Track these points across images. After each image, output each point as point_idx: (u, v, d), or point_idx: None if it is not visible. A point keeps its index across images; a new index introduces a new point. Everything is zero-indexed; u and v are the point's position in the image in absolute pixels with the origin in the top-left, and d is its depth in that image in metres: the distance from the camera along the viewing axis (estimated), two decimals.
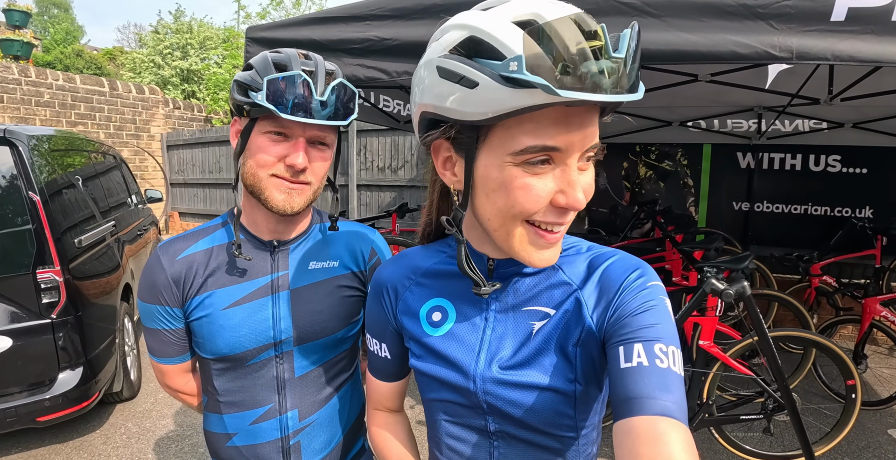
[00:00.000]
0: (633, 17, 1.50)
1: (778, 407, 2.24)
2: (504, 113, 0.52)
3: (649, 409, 0.53)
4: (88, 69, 17.33)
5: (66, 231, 2.71)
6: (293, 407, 0.97)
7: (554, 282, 0.69)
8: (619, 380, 0.57)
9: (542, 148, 0.55)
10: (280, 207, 0.88)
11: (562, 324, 0.67)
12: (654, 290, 0.63)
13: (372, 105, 3.50)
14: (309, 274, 0.97)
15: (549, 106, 0.51)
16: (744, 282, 1.97)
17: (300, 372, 0.97)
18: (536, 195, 0.57)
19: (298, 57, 0.86)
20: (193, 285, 0.93)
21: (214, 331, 0.92)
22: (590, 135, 0.56)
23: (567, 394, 0.66)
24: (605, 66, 0.49)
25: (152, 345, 0.98)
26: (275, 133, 0.86)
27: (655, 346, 0.57)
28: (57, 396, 2.51)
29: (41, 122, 7.43)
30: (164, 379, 1.02)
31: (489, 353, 0.69)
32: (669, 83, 2.94)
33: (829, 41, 1.33)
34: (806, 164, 4.43)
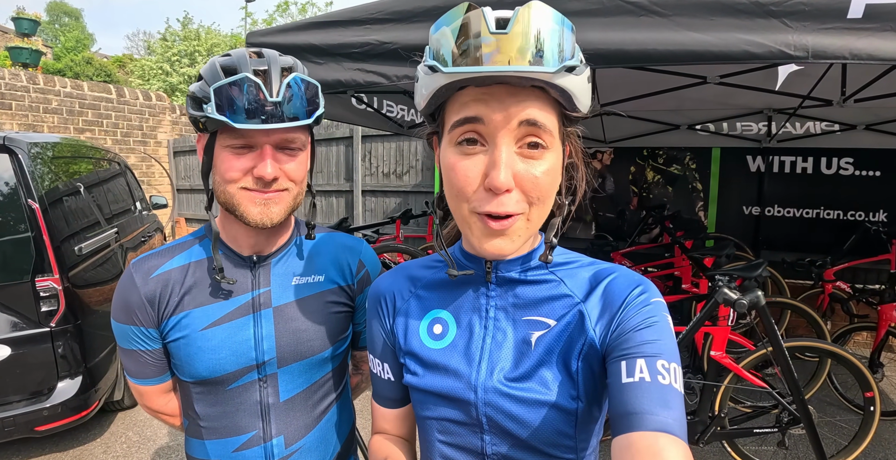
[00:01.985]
0: (639, 17, 1.45)
1: (793, 420, 2.16)
2: (431, 97, 0.59)
3: (649, 425, 0.52)
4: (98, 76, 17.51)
5: (67, 239, 2.69)
6: (279, 433, 0.91)
7: (556, 293, 0.68)
8: (620, 395, 0.56)
9: (463, 120, 0.58)
10: (257, 220, 0.82)
11: (564, 336, 0.66)
12: (657, 307, 0.64)
13: (375, 110, 3.47)
14: (292, 290, 0.92)
15: (456, 85, 0.56)
16: (757, 291, 1.90)
17: (286, 395, 0.91)
18: (465, 175, 0.59)
19: (249, 56, 0.79)
20: (169, 305, 0.87)
21: (193, 354, 0.86)
22: (514, 112, 0.56)
23: (569, 412, 0.64)
24: (485, 42, 0.53)
25: (129, 366, 0.92)
26: (237, 146, 0.79)
27: (658, 362, 0.57)
28: (56, 405, 2.48)
29: (49, 129, 7.47)
30: (143, 400, 0.97)
31: (490, 363, 0.68)
32: (677, 86, 2.88)
33: (846, 39, 1.28)
34: (818, 167, 4.34)
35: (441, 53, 0.56)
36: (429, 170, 6.10)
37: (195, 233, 0.95)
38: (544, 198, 0.61)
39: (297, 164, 0.83)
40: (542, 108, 0.57)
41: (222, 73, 0.77)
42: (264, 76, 0.77)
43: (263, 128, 0.76)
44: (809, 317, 3.12)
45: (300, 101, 0.78)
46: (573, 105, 0.58)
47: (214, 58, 0.81)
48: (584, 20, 1.50)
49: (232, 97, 0.75)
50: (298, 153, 0.84)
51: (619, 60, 1.47)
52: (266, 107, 0.75)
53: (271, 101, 0.75)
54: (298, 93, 0.78)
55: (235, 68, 0.77)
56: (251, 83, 0.75)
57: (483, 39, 0.53)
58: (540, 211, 0.61)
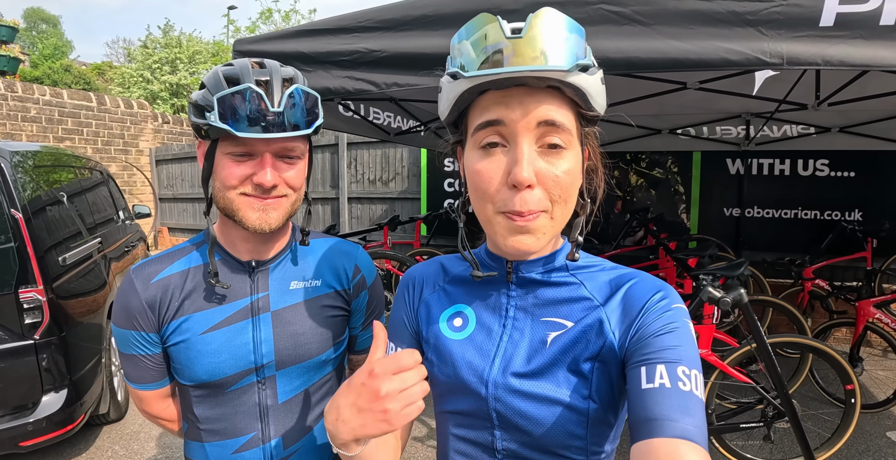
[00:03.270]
0: (622, 26, 1.49)
1: (778, 414, 2.22)
2: (454, 104, 0.63)
3: (670, 432, 0.52)
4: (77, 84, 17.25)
5: (50, 249, 2.65)
6: (277, 434, 0.92)
7: (575, 296, 0.69)
8: (640, 401, 0.56)
9: (486, 123, 0.61)
10: (256, 226, 0.84)
11: (581, 338, 0.66)
12: (678, 312, 0.64)
13: (362, 117, 3.48)
14: (290, 294, 0.93)
15: (477, 89, 0.60)
16: (740, 289, 1.96)
17: (283, 397, 0.93)
18: (489, 175, 0.61)
19: (251, 66, 0.81)
20: (169, 309, 0.88)
21: (192, 357, 0.87)
22: (533, 112, 0.59)
23: (580, 412, 0.65)
24: (502, 47, 0.56)
25: (129, 370, 0.93)
26: (237, 153, 0.81)
27: (678, 369, 0.57)
28: (41, 419, 2.42)
29: (28, 138, 7.34)
30: (143, 405, 0.97)
31: (504, 359, 0.69)
32: (657, 91, 2.95)
33: (819, 46, 1.33)
34: (795, 169, 4.47)
35: (462, 61, 0.59)
36: (415, 177, 6.12)
37: (194, 239, 0.96)
38: (566, 197, 0.62)
39: (296, 172, 0.86)
40: (559, 107, 0.60)
41: (225, 83, 0.79)
42: (266, 86, 0.78)
43: (264, 137, 0.77)
44: (790, 315, 3.20)
45: (301, 111, 0.80)
46: (589, 104, 0.61)
47: (217, 67, 0.83)
48: None
49: (235, 106, 0.77)
50: (297, 161, 0.86)
51: (603, 68, 1.51)
52: (268, 116, 0.77)
53: (273, 111, 0.77)
54: (299, 103, 0.80)
55: (238, 78, 0.79)
56: (254, 93, 0.77)
57: (500, 44, 0.56)
58: (563, 210, 0.63)
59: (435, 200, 5.92)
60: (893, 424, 3.01)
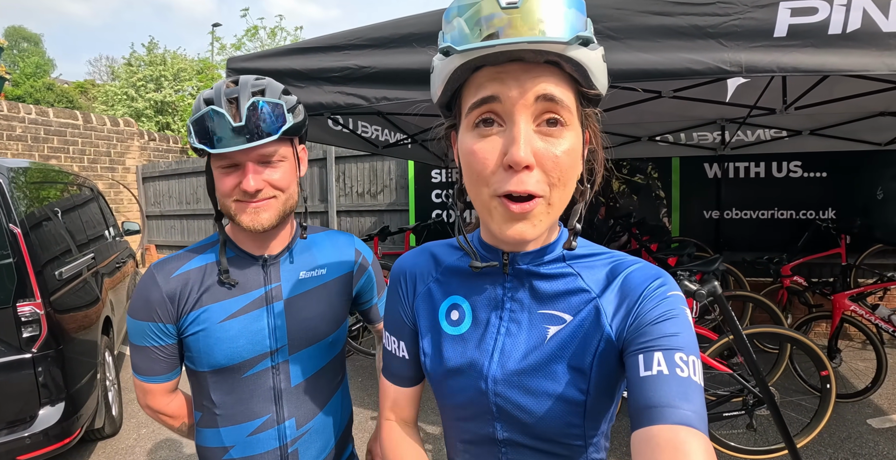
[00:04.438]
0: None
1: (758, 402, 2.32)
2: (447, 83, 0.59)
3: (670, 418, 0.52)
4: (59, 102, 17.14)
5: (47, 263, 2.68)
6: (290, 415, 1.00)
7: (572, 287, 0.68)
8: (639, 389, 0.56)
9: (480, 101, 0.57)
10: (249, 226, 0.92)
11: (580, 332, 0.66)
12: (675, 300, 0.63)
13: (350, 131, 3.57)
14: (300, 283, 1.02)
15: (471, 65, 0.56)
16: (714, 282, 2.07)
17: (296, 381, 1.01)
18: (483, 156, 0.58)
19: (225, 86, 0.90)
20: (189, 301, 0.96)
21: (212, 344, 0.95)
22: (533, 85, 0.55)
23: (577, 404, 0.65)
24: (497, 18, 0.53)
25: (139, 363, 0.99)
26: (224, 166, 0.91)
27: (676, 355, 0.57)
28: (38, 433, 2.42)
29: (13, 156, 7.31)
30: (147, 399, 1.02)
31: (502, 354, 0.68)
32: (635, 100, 3.09)
33: (774, 55, 1.45)
34: (769, 171, 4.64)
35: (454, 36, 0.56)
36: (403, 189, 6.20)
37: (209, 238, 1.05)
38: (565, 180, 0.59)
39: (281, 174, 0.94)
40: (557, 83, 0.56)
41: (203, 105, 0.89)
42: (236, 103, 0.88)
43: (236, 150, 0.87)
44: (769, 309, 3.32)
45: (261, 120, 0.88)
46: (589, 81, 0.57)
47: (203, 91, 0.94)
48: None
49: (204, 127, 0.87)
50: (280, 164, 0.94)
51: None
52: (233, 131, 0.86)
53: (235, 126, 0.86)
54: (264, 113, 0.88)
55: (212, 99, 0.89)
56: (216, 113, 0.86)
57: (495, 15, 0.53)
58: (561, 194, 0.59)
59: (423, 211, 6.01)
60: (873, 412, 3.12)
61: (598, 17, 1.56)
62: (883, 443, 2.74)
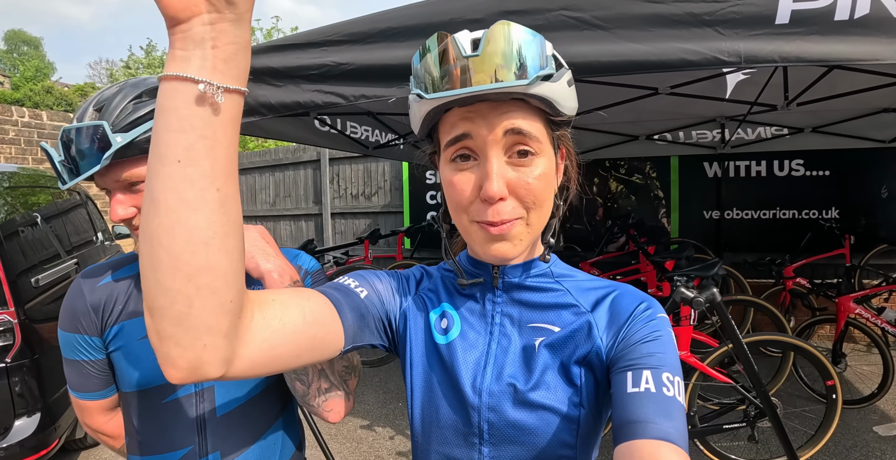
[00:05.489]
0: (582, 31, 1.51)
1: (760, 413, 2.21)
2: (422, 121, 0.63)
3: (652, 433, 0.53)
4: (59, 105, 17.13)
5: (23, 271, 2.60)
6: (215, 448, 0.90)
7: (562, 302, 0.70)
8: (624, 404, 0.57)
9: (454, 139, 0.61)
10: (135, 251, 0.87)
11: (569, 343, 0.67)
12: (662, 322, 0.65)
13: (339, 132, 3.48)
14: None
15: (442, 108, 0.60)
16: (713, 288, 1.97)
17: (223, 410, 0.90)
18: (461, 188, 0.62)
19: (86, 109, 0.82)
20: (112, 313, 0.88)
21: (132, 362, 0.87)
22: (501, 122, 0.59)
23: (571, 419, 0.65)
24: (460, 66, 0.56)
25: (72, 378, 0.92)
26: (103, 190, 0.85)
27: (663, 375, 0.58)
28: (13, 445, 2.35)
29: (6, 160, 7.25)
30: (84, 417, 0.95)
31: (496, 368, 0.68)
32: (631, 98, 3.00)
33: (776, 44, 1.35)
34: (771, 170, 4.54)
35: (424, 81, 0.60)
36: (397, 191, 6.11)
37: None
38: (540, 202, 0.62)
39: None
40: (525, 116, 0.60)
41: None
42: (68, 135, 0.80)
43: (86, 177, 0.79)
44: (771, 314, 3.22)
45: (84, 147, 0.78)
46: (556, 110, 0.61)
47: None
48: None
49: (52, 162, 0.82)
50: None
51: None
52: (63, 165, 0.80)
53: (58, 159, 0.80)
54: (80, 144, 0.78)
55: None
56: (48, 151, 0.81)
57: (458, 63, 0.57)
58: (539, 214, 0.63)
59: (418, 213, 5.92)
60: (880, 419, 3.02)
61: (585, 5, 1.47)
62: (890, 452, 2.64)
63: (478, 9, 1.62)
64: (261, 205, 7.43)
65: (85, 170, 0.77)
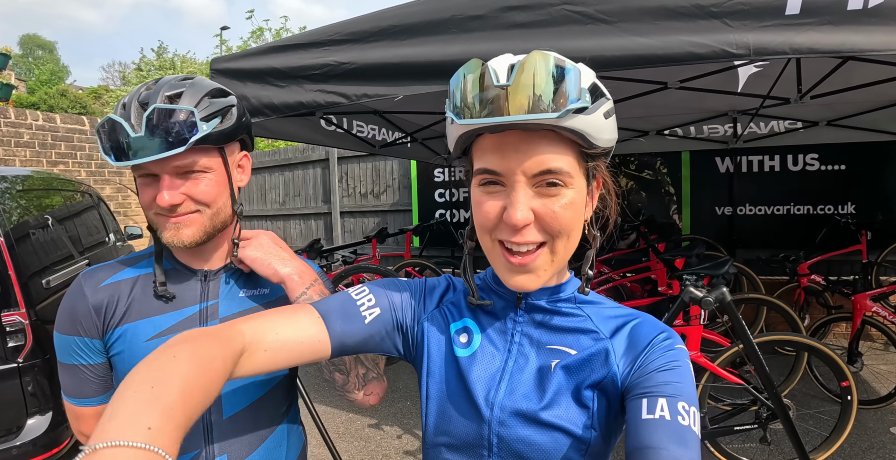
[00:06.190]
0: (586, 25, 1.48)
1: (772, 415, 2.16)
2: (456, 143, 0.65)
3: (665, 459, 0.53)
4: (73, 108, 17.37)
5: (35, 272, 2.63)
6: (222, 452, 0.88)
7: (582, 327, 0.70)
8: (639, 430, 0.57)
9: (484, 170, 0.62)
10: (170, 242, 0.84)
11: (585, 366, 0.67)
12: (680, 353, 0.66)
13: (346, 131, 3.48)
14: (239, 302, 0.93)
15: (472, 133, 0.61)
16: (723, 288, 1.92)
17: (229, 412, 0.89)
18: (486, 211, 0.63)
19: (144, 89, 0.81)
20: (115, 315, 0.87)
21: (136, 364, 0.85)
22: (529, 162, 0.59)
23: (581, 441, 0.65)
24: (492, 94, 0.57)
25: (68, 383, 0.90)
26: (143, 175, 0.83)
27: (679, 404, 0.58)
28: (26, 443, 2.39)
29: (21, 163, 7.36)
30: (79, 424, 0.93)
31: (510, 384, 0.69)
32: (640, 92, 2.95)
33: (786, 35, 1.31)
34: (784, 165, 4.45)
35: (457, 105, 0.61)
36: (406, 189, 6.11)
37: (147, 249, 0.96)
38: (567, 231, 0.62)
39: (204, 187, 0.84)
40: (555, 149, 0.59)
41: (120, 109, 0.80)
42: (143, 109, 0.78)
43: (137, 163, 0.78)
44: (784, 312, 3.15)
45: (172, 129, 0.78)
46: (589, 143, 0.60)
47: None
48: (533, 31, 1.53)
49: (107, 137, 0.78)
50: (203, 175, 0.84)
51: None
52: (134, 142, 0.77)
53: (134, 137, 0.77)
54: (162, 123, 0.78)
55: (125, 104, 0.80)
56: (117, 123, 0.77)
57: (490, 92, 0.57)
58: (565, 243, 0.63)
59: (426, 211, 5.90)
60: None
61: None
62: None
63: (479, 5, 1.60)
64: (270, 204, 7.47)
65: (157, 151, 0.77)
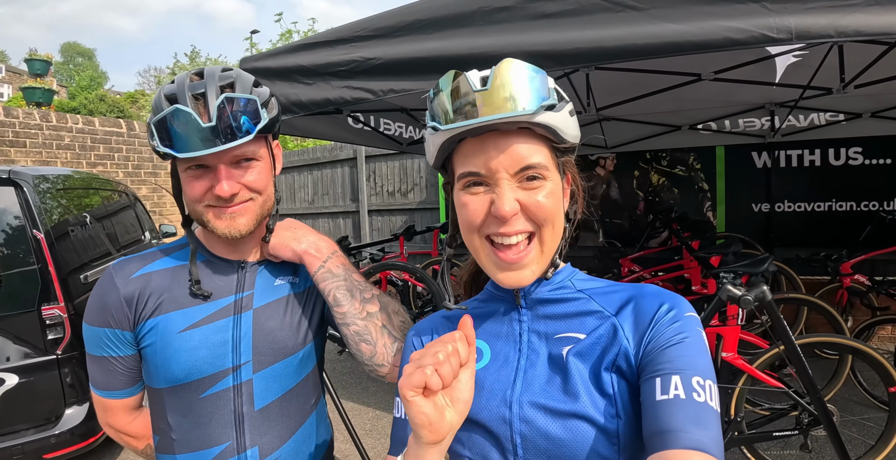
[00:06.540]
0: (616, 13, 1.44)
1: (814, 420, 2.06)
2: (437, 152, 0.68)
3: (684, 443, 0.52)
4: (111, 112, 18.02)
5: (75, 269, 2.73)
6: (253, 444, 0.89)
7: (585, 309, 0.70)
8: (654, 413, 0.56)
9: (468, 173, 0.65)
10: (226, 232, 0.84)
11: (596, 348, 0.66)
12: (688, 322, 0.64)
13: (373, 129, 3.49)
14: (271, 291, 0.93)
15: (455, 138, 0.65)
16: (763, 286, 1.83)
17: (260, 404, 0.89)
18: (474, 208, 0.66)
19: (188, 80, 0.80)
20: (147, 306, 0.87)
21: (169, 356, 0.85)
22: (510, 159, 0.63)
23: (608, 432, 0.61)
24: (471, 100, 0.61)
25: (96, 375, 0.91)
26: (193, 167, 0.82)
27: (693, 379, 0.57)
28: (65, 432, 2.49)
29: (62, 164, 7.65)
30: (107, 416, 0.95)
31: (525, 379, 0.68)
32: (671, 85, 2.86)
33: (830, 17, 1.24)
34: (826, 159, 4.26)
35: (438, 115, 0.65)
36: (433, 187, 6.11)
37: (179, 240, 0.96)
38: (551, 219, 0.65)
39: (256, 175, 0.85)
40: (532, 145, 0.64)
41: (165, 102, 0.79)
42: (203, 100, 0.78)
43: (208, 153, 0.77)
44: (826, 313, 3.01)
45: (240, 117, 0.79)
46: (560, 137, 0.65)
47: (162, 86, 0.83)
48: (562, 21, 1.50)
49: (169, 129, 0.77)
50: (255, 163, 0.85)
51: (598, 58, 1.45)
52: (202, 132, 0.76)
53: (206, 127, 0.76)
54: (235, 110, 0.78)
55: (175, 96, 0.78)
56: (181, 112, 0.76)
57: (469, 98, 0.62)
58: (551, 233, 0.66)
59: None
60: None
61: None
62: None
63: None
64: (300, 203, 7.57)
65: (224, 141, 0.77)
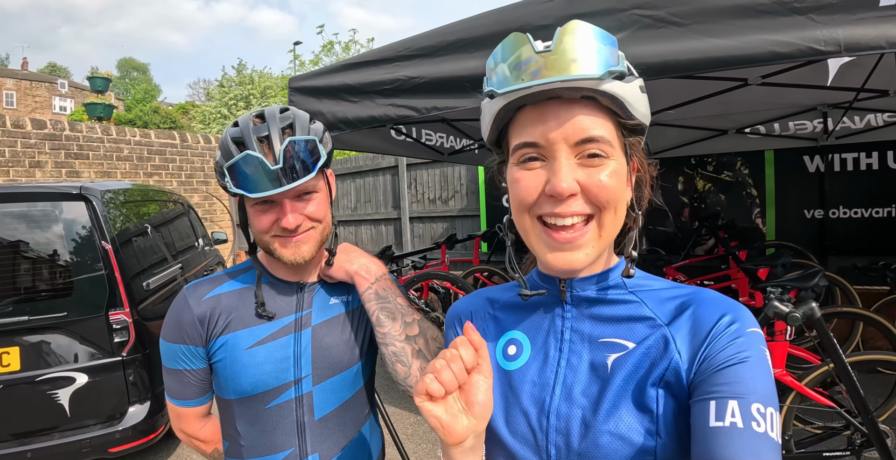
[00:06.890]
0: (658, 29, 1.45)
1: (867, 441, 1.97)
2: (493, 122, 0.63)
3: None
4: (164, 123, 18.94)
5: (136, 275, 2.92)
6: (314, 450, 0.96)
7: (635, 315, 0.64)
8: (706, 440, 0.51)
9: (524, 144, 0.60)
10: (291, 260, 0.92)
11: (645, 361, 0.61)
12: (752, 339, 0.57)
13: (415, 140, 3.56)
14: (328, 309, 1.00)
15: (513, 105, 0.60)
16: (811, 303, 1.76)
17: (320, 414, 0.97)
18: (527, 185, 0.60)
19: (252, 124, 0.88)
20: (217, 325, 0.95)
21: (238, 370, 0.93)
22: (571, 128, 0.58)
23: (646, 451, 0.57)
24: (533, 61, 0.56)
25: (172, 386, 1.00)
26: (260, 202, 0.90)
27: (753, 406, 0.51)
28: (127, 428, 2.67)
29: (122, 175, 8.13)
30: (180, 422, 1.04)
31: (564, 387, 0.64)
32: (718, 90, 2.80)
33: (881, 28, 1.22)
34: (884, 162, 4.04)
35: (496, 80, 0.60)
36: (473, 194, 6.14)
37: (243, 263, 1.05)
38: (614, 203, 0.59)
39: (316, 206, 0.93)
40: (595, 118, 0.58)
41: (234, 146, 0.87)
42: (268, 142, 0.86)
43: (280, 192, 0.85)
44: (883, 328, 2.85)
45: (303, 157, 0.87)
46: (628, 112, 0.59)
47: (227, 129, 0.91)
48: None
49: (242, 172, 0.85)
50: (315, 195, 0.93)
51: (643, 76, 1.46)
52: (270, 174, 0.84)
53: (273, 169, 0.84)
54: (298, 150, 0.86)
55: (243, 140, 0.87)
56: (252, 157, 0.84)
57: (532, 59, 0.56)
58: (612, 217, 0.60)
59: (494, 217, 5.91)
60: None
61: (659, 2, 1.41)
62: None
63: (547, 15, 1.60)
64: (343, 210, 7.77)
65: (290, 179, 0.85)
